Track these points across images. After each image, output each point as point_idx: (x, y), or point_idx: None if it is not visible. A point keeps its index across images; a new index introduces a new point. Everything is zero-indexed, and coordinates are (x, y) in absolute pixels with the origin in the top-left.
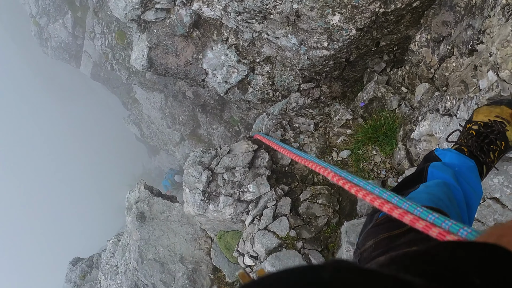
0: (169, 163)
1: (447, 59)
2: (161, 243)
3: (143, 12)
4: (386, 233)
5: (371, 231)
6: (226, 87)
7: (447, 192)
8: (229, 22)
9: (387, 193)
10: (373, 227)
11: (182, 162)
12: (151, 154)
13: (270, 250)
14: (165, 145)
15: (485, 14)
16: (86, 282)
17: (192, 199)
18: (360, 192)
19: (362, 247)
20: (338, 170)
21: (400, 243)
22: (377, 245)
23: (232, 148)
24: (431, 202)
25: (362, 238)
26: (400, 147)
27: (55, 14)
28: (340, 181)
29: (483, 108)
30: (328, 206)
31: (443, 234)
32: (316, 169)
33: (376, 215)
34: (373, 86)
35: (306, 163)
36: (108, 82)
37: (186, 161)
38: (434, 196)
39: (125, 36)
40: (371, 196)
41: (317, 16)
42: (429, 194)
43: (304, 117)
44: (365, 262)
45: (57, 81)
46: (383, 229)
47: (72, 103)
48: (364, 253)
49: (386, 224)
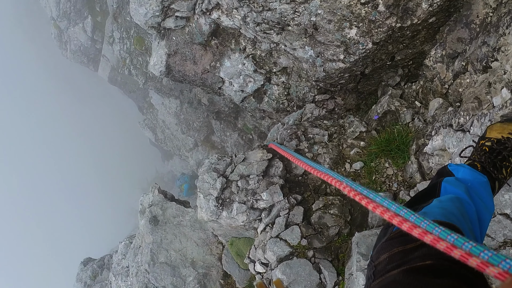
0: (182, 168)
1: (461, 75)
2: (173, 247)
3: (163, 19)
4: (401, 246)
5: (385, 244)
6: (242, 96)
7: (460, 207)
8: (247, 32)
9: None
10: (387, 240)
11: (195, 168)
12: (165, 158)
13: (281, 258)
14: (178, 150)
15: (500, 32)
16: (96, 282)
17: (206, 205)
18: (371, 204)
19: (376, 260)
20: (349, 181)
21: (414, 257)
22: (391, 258)
23: (247, 156)
24: (444, 217)
25: (376, 251)
26: (412, 160)
27: (75, 18)
28: (351, 192)
29: (496, 125)
30: (339, 217)
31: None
32: (328, 180)
33: (390, 228)
34: (387, 100)
35: (318, 174)
36: (125, 86)
37: (201, 167)
38: (447, 211)
39: (143, 42)
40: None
41: (335, 29)
42: (442, 209)
43: (319, 128)
44: (379, 275)
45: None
46: (397, 242)
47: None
48: (379, 266)
49: (400, 238)
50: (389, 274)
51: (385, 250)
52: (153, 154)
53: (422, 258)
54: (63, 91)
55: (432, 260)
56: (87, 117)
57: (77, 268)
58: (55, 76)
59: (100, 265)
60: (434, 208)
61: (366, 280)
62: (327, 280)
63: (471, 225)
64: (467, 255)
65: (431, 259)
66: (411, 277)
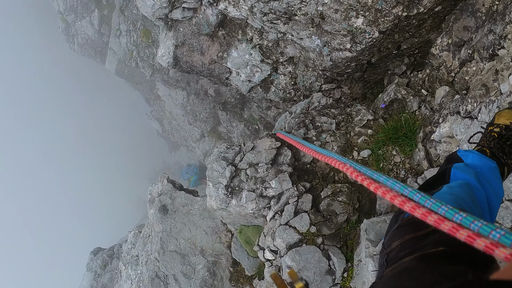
0: (189, 159)
1: (468, 63)
2: (183, 236)
3: (170, 11)
4: (412, 233)
5: (396, 231)
6: (249, 86)
7: (470, 193)
8: (254, 22)
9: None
10: (398, 227)
11: (201, 158)
12: (172, 149)
13: (290, 245)
14: (185, 141)
15: (507, 20)
16: (106, 271)
17: (215, 193)
18: (380, 189)
19: (388, 248)
20: (358, 165)
21: (426, 244)
22: (403, 245)
23: (256, 145)
24: (454, 203)
25: (388, 238)
26: (419, 148)
27: (82, 12)
28: (359, 177)
29: (504, 111)
30: (348, 204)
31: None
32: (335, 165)
33: (402, 215)
34: (394, 88)
35: (326, 160)
36: (132, 78)
37: (210, 156)
38: (457, 197)
39: (150, 34)
40: (391, 194)
41: (341, 18)
42: (452, 195)
43: (326, 117)
44: (392, 262)
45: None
46: (409, 229)
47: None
48: (391, 254)
49: (412, 225)
50: (402, 261)
51: (397, 237)
52: (161, 145)
53: (435, 245)
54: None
55: (445, 247)
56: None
57: (87, 258)
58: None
59: (110, 254)
60: (444, 194)
61: (379, 267)
62: (336, 267)
63: (481, 211)
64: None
65: (443, 245)
66: (424, 263)
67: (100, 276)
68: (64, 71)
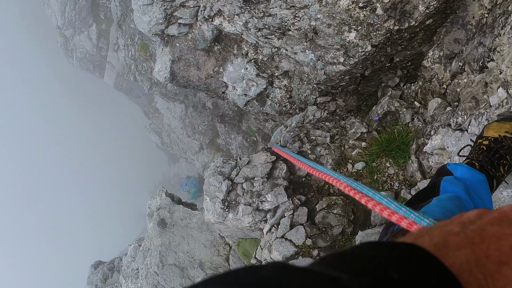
0: (188, 171)
1: (459, 75)
2: (181, 249)
3: (166, 26)
4: None
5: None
6: (246, 100)
7: (459, 205)
8: (249, 37)
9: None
10: (388, 239)
11: (201, 170)
12: (171, 162)
13: (287, 257)
14: (184, 153)
15: (496, 32)
16: (107, 285)
17: (212, 207)
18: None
19: None
20: (350, 181)
21: None
22: None
23: (252, 159)
24: (443, 215)
25: None
26: (413, 159)
27: (80, 26)
28: (351, 191)
29: (493, 124)
30: (343, 216)
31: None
32: (329, 181)
33: (391, 228)
34: (387, 101)
35: (319, 175)
36: (131, 92)
37: (207, 170)
38: (446, 210)
39: (147, 48)
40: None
41: (334, 33)
42: (442, 207)
43: (321, 130)
44: None
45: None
46: None
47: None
48: None
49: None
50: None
51: None
52: (160, 157)
53: None
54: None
55: None
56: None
57: (87, 271)
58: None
59: (110, 267)
60: (434, 207)
61: None
62: None
63: None
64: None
65: None
66: None
67: None
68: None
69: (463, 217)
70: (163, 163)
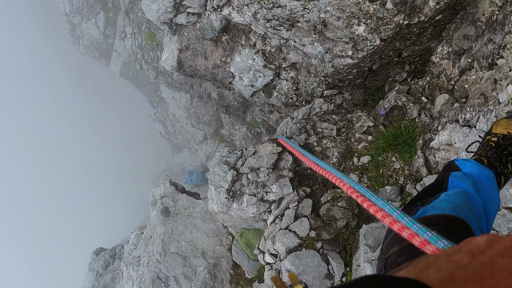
0: (191, 161)
1: (467, 72)
2: (184, 238)
3: (175, 15)
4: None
5: (395, 238)
6: (252, 91)
7: (467, 201)
8: (257, 28)
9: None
10: (396, 234)
11: (204, 160)
12: (175, 151)
13: (290, 249)
14: (188, 143)
15: (506, 29)
16: (108, 271)
17: (217, 197)
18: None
19: (386, 253)
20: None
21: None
22: (401, 251)
23: (257, 149)
24: (452, 210)
25: (386, 244)
26: (419, 155)
27: (88, 14)
28: (354, 194)
29: (502, 121)
30: (347, 209)
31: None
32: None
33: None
34: (394, 95)
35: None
36: (136, 80)
37: (212, 160)
38: (455, 205)
39: (154, 37)
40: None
41: (343, 25)
42: (450, 203)
43: (327, 123)
44: (390, 267)
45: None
46: None
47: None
48: (389, 259)
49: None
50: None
51: (395, 243)
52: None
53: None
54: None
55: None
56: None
57: (89, 258)
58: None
59: (112, 255)
60: (442, 202)
61: (377, 272)
62: (335, 271)
63: (478, 219)
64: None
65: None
66: None
67: (102, 276)
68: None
69: (471, 244)
70: (167, 152)
